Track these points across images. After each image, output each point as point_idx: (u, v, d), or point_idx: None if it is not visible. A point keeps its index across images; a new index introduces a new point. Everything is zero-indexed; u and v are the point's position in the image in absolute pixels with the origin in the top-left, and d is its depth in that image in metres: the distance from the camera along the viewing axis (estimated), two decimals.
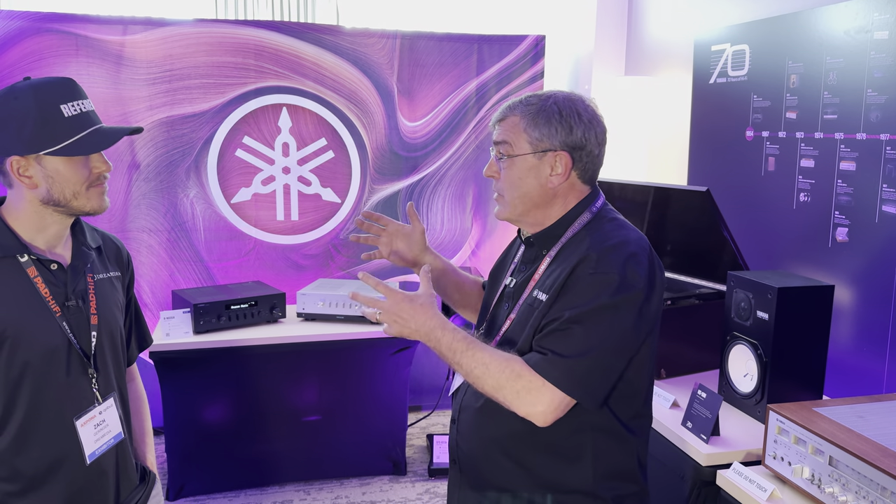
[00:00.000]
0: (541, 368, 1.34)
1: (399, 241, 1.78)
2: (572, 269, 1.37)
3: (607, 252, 1.37)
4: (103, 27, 3.46)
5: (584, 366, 1.33)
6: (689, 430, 1.92)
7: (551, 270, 1.45)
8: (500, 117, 1.48)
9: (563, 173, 1.44)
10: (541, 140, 1.43)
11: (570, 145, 1.43)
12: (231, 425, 3.23)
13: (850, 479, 1.48)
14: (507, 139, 1.45)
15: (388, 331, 1.41)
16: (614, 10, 4.19)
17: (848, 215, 2.58)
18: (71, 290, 1.46)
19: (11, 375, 1.39)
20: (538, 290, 1.44)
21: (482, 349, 1.38)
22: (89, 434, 1.47)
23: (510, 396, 1.35)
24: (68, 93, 1.41)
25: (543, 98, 1.45)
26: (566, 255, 1.44)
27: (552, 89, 1.49)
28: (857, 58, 2.50)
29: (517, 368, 1.35)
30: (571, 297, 1.36)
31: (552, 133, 1.42)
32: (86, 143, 1.40)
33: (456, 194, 4.09)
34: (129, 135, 1.46)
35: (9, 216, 1.44)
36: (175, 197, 3.69)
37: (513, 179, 1.45)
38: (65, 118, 1.38)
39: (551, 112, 1.42)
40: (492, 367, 1.35)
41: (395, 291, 1.40)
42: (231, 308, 3.17)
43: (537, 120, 1.43)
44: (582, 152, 1.44)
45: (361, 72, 3.84)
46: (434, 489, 3.34)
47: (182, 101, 3.62)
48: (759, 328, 2.00)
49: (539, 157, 1.43)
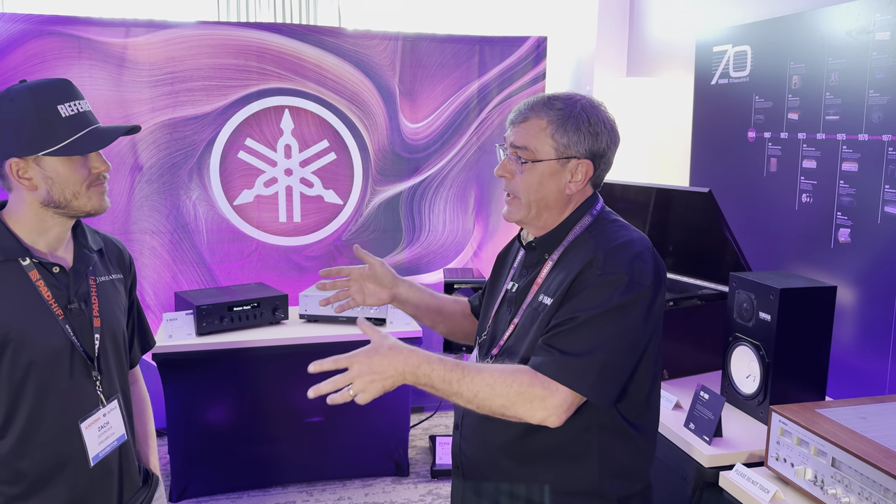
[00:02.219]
0: (550, 370, 1.31)
1: (368, 283, 1.71)
2: (579, 272, 1.36)
3: (613, 253, 1.37)
4: (106, 30, 3.47)
5: (596, 363, 1.32)
6: (692, 432, 1.92)
7: (555, 274, 1.44)
8: (522, 119, 1.43)
9: (582, 180, 1.43)
10: (568, 147, 1.40)
11: (593, 153, 1.42)
12: (234, 427, 3.23)
13: (853, 480, 1.48)
14: (530, 143, 1.42)
15: (365, 398, 1.25)
16: (616, 11, 4.19)
17: (850, 216, 2.58)
18: (73, 292, 1.46)
19: (15, 378, 1.39)
20: (543, 295, 1.43)
21: (480, 370, 1.31)
22: (93, 436, 1.47)
23: (522, 410, 1.30)
24: (65, 93, 1.41)
25: (570, 103, 1.42)
26: (570, 257, 1.43)
27: (567, 92, 1.46)
28: (859, 59, 2.49)
29: (526, 378, 1.30)
30: (581, 299, 1.34)
31: (580, 140, 1.40)
32: (84, 142, 1.40)
33: (458, 195, 4.09)
34: (126, 134, 1.46)
35: (10, 220, 1.44)
36: (178, 199, 3.69)
37: (531, 183, 1.43)
38: (62, 118, 1.38)
39: (580, 119, 1.40)
40: (497, 386, 1.29)
41: (358, 352, 1.28)
42: (233, 310, 3.17)
43: (566, 126, 1.40)
44: (602, 160, 1.44)
45: (363, 73, 3.84)
46: (437, 490, 3.34)
47: (184, 104, 3.62)
48: (761, 329, 2.00)
49: (562, 163, 1.41)
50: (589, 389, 1.32)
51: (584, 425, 1.40)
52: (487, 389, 1.29)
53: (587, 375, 1.31)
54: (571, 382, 1.31)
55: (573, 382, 1.31)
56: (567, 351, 1.32)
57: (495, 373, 1.31)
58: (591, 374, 1.32)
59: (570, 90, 1.53)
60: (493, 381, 1.30)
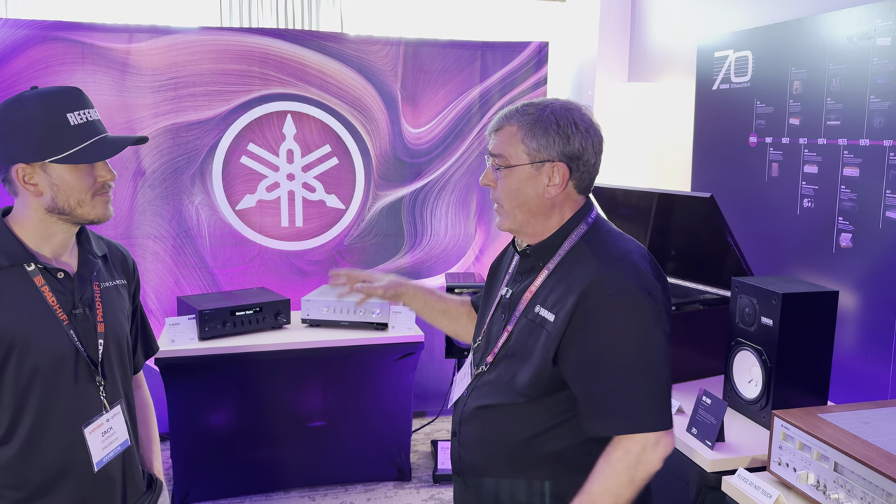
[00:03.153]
0: (628, 427, 1.34)
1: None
2: (583, 291, 1.35)
3: (616, 269, 1.37)
4: (109, 35, 3.48)
5: (658, 397, 1.35)
6: (694, 437, 1.92)
7: (552, 285, 1.44)
8: (497, 127, 1.46)
9: (560, 183, 1.43)
10: (538, 151, 1.41)
11: (567, 155, 1.41)
12: (236, 431, 3.23)
13: (856, 485, 1.48)
14: (504, 150, 1.44)
15: None
16: (617, 16, 4.20)
17: (852, 221, 2.58)
18: (78, 298, 1.47)
19: (20, 383, 1.40)
20: (540, 307, 1.43)
21: (590, 492, 1.34)
22: (97, 441, 1.47)
23: (641, 475, 1.34)
24: (75, 102, 1.42)
25: (540, 108, 1.43)
26: (567, 268, 1.43)
27: (549, 98, 1.48)
28: (860, 64, 2.50)
29: (618, 455, 1.34)
30: (604, 333, 1.34)
31: (549, 143, 1.40)
32: (91, 151, 1.40)
33: (459, 200, 4.09)
34: (133, 144, 1.47)
35: (15, 225, 1.45)
36: (180, 203, 3.70)
37: (510, 189, 1.44)
38: (71, 127, 1.39)
39: (548, 122, 1.41)
40: (613, 484, 1.33)
41: None
42: (236, 314, 3.18)
43: (535, 130, 1.41)
44: (579, 162, 1.43)
45: (365, 79, 3.85)
46: (439, 495, 3.34)
47: (187, 109, 3.63)
48: (763, 334, 2.00)
49: (537, 167, 1.42)
50: (666, 420, 1.36)
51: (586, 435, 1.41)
52: (614, 497, 1.34)
53: (659, 411, 1.35)
54: (655, 426, 1.34)
55: (656, 425, 1.34)
56: (633, 401, 1.34)
57: (598, 474, 1.35)
58: (660, 409, 1.35)
59: (571, 95, 1.54)
60: (610, 481, 1.33)
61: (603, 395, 1.35)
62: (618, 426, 1.34)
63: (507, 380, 1.46)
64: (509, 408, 1.45)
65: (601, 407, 1.35)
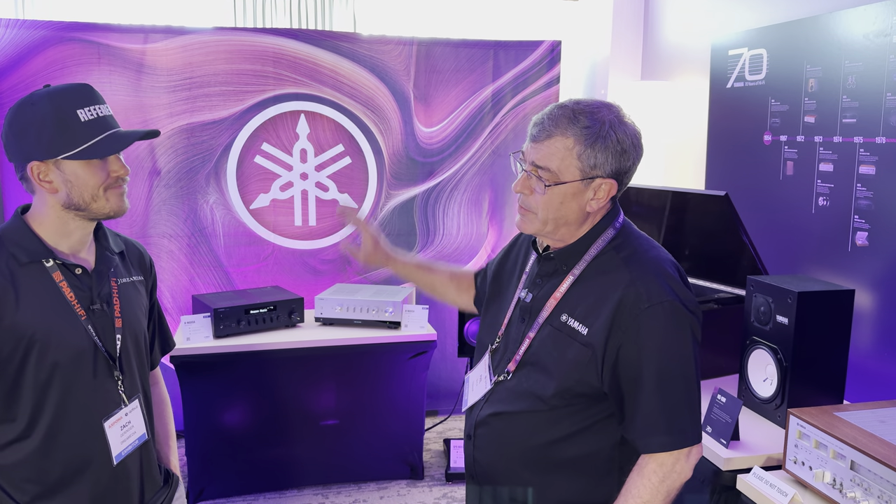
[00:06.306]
0: (675, 443, 1.34)
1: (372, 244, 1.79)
2: (618, 304, 1.33)
3: (651, 280, 1.35)
4: (125, 36, 3.51)
5: (696, 409, 1.37)
6: (709, 435, 1.92)
7: (580, 293, 1.40)
8: (545, 136, 1.35)
9: (604, 198, 1.37)
10: (594, 168, 1.34)
11: (618, 172, 1.36)
12: (250, 429, 3.25)
13: (872, 483, 1.47)
14: (553, 165, 1.34)
15: None
16: (630, 14, 4.19)
17: (868, 219, 2.56)
18: (96, 293, 1.48)
19: (40, 378, 1.41)
20: (568, 316, 1.39)
21: (624, 500, 1.35)
22: (116, 435, 1.49)
23: (674, 487, 1.35)
24: (85, 98, 1.43)
25: (598, 120, 1.33)
26: (596, 276, 1.39)
27: (594, 101, 1.38)
28: (877, 61, 2.48)
29: (652, 467, 1.34)
30: (643, 343, 1.33)
31: (606, 161, 1.34)
32: (102, 146, 1.42)
33: (472, 199, 4.10)
34: (144, 138, 1.47)
35: (34, 222, 1.47)
36: (195, 203, 3.73)
37: (552, 204, 1.36)
38: (81, 123, 1.40)
39: (609, 138, 1.33)
40: (649, 497, 1.33)
41: None
42: (250, 313, 3.19)
43: (595, 147, 1.33)
44: (626, 177, 1.39)
45: (378, 78, 3.86)
46: (451, 494, 3.35)
47: (202, 109, 3.66)
48: (778, 333, 1.99)
49: (586, 183, 1.35)
50: (700, 432, 1.38)
51: (611, 441, 1.40)
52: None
53: (695, 423, 1.37)
54: (688, 441, 1.35)
55: (689, 440, 1.35)
56: (672, 415, 1.34)
57: (639, 493, 1.34)
58: (696, 419, 1.37)
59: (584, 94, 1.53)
60: (645, 499, 1.34)
61: (650, 411, 1.33)
62: (665, 443, 1.33)
63: (529, 387, 1.42)
64: (530, 414, 1.42)
65: (649, 423, 1.33)
